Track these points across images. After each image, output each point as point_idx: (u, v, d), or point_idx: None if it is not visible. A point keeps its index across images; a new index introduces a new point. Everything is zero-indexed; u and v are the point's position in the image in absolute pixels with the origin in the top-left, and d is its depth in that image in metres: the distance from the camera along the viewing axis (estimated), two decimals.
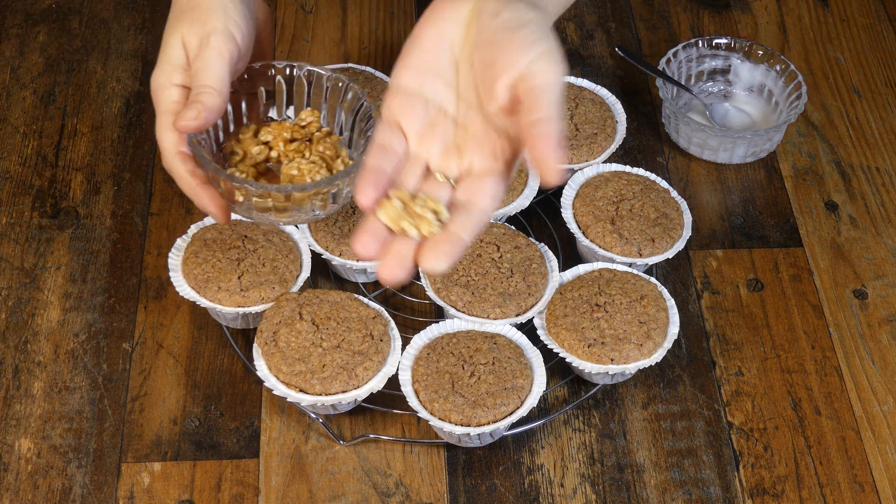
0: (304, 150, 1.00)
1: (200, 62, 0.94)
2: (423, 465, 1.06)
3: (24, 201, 1.21)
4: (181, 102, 0.95)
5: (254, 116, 1.03)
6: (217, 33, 0.94)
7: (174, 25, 0.96)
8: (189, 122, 0.92)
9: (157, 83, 0.95)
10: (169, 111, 0.95)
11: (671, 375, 1.12)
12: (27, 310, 1.13)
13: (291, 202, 0.95)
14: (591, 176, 1.19)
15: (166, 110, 0.95)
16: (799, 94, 1.27)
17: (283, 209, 0.96)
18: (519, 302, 1.09)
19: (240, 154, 0.99)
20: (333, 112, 1.02)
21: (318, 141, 1.00)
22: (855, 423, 1.09)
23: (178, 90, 0.95)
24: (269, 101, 1.03)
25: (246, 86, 1.01)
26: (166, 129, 0.95)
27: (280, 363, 1.04)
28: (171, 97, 0.95)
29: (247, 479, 1.04)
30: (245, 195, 0.95)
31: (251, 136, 1.00)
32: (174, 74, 0.95)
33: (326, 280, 1.17)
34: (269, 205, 0.95)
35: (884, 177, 1.28)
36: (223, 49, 0.94)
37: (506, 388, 1.03)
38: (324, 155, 0.99)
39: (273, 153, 1.00)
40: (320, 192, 0.95)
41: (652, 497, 1.04)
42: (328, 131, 1.02)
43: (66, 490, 1.03)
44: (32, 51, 1.34)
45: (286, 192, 0.94)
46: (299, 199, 0.95)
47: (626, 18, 1.42)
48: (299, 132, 1.01)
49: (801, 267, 1.20)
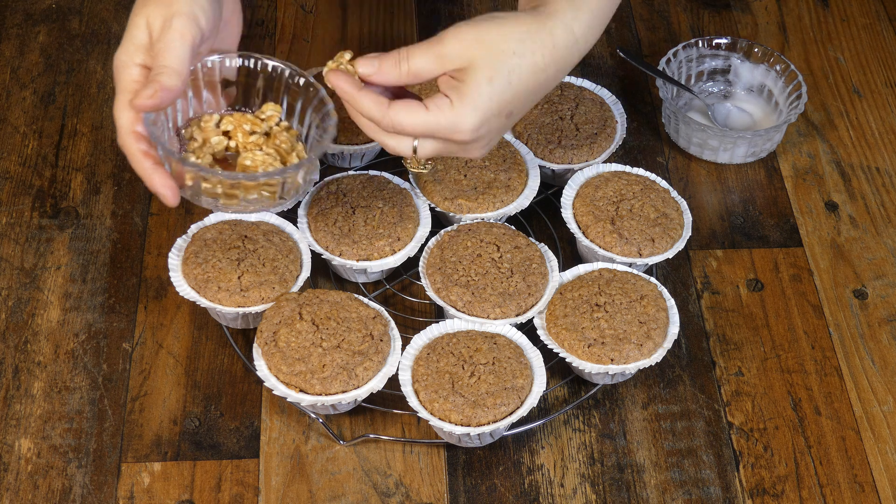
0: (262, 144, 1.02)
1: (162, 43, 0.95)
2: (423, 465, 1.06)
3: (24, 201, 1.21)
4: (141, 82, 0.96)
5: (216, 105, 1.04)
6: (181, 16, 0.95)
7: (140, 6, 0.98)
8: (145, 100, 0.93)
9: (119, 61, 0.97)
10: (127, 90, 0.96)
11: (671, 375, 1.12)
12: (27, 310, 1.13)
13: (240, 190, 0.97)
14: (591, 176, 1.19)
15: (125, 89, 0.96)
16: (799, 94, 1.27)
17: (231, 196, 0.97)
18: (519, 302, 1.09)
19: (199, 141, 1.01)
20: (293, 107, 1.04)
21: (275, 135, 1.02)
22: (855, 423, 1.09)
23: (138, 69, 0.96)
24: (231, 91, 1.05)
25: (208, 74, 1.02)
26: (123, 107, 0.96)
27: (280, 363, 1.04)
28: (132, 76, 0.96)
29: (247, 479, 1.04)
30: (194, 179, 0.96)
31: (213, 125, 1.02)
32: (136, 54, 0.96)
33: (326, 280, 1.17)
34: (218, 191, 0.97)
35: (884, 177, 1.28)
36: (185, 32, 0.95)
37: (506, 388, 1.03)
38: (279, 148, 1.01)
39: (232, 143, 1.01)
40: (269, 183, 0.97)
41: (652, 497, 1.04)
42: (287, 126, 1.03)
43: (66, 490, 1.03)
44: (32, 51, 1.34)
45: (234, 179, 0.96)
46: (247, 188, 0.97)
47: (626, 18, 1.42)
48: (259, 125, 1.02)
49: (801, 267, 1.20)
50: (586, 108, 1.24)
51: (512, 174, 1.18)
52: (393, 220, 1.13)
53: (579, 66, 1.36)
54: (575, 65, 1.00)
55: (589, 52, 1.37)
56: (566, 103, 1.24)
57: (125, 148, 0.97)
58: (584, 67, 1.36)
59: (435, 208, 1.17)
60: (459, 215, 1.16)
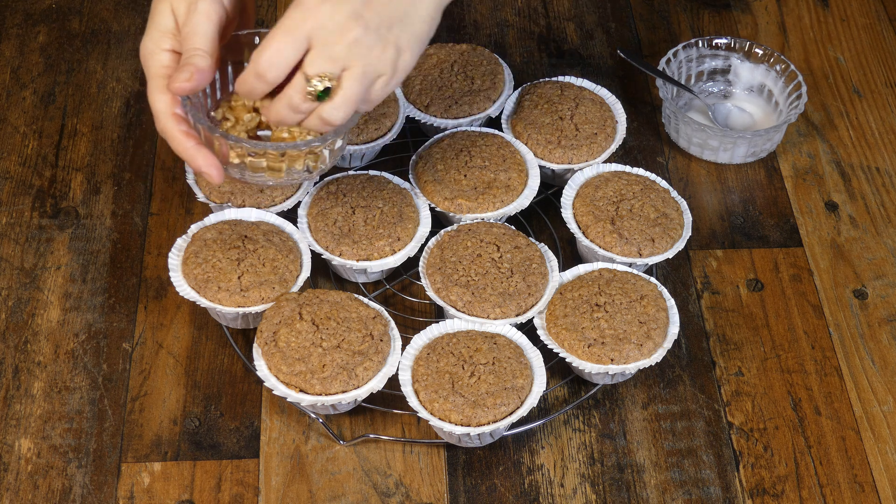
0: None
1: (189, 27, 0.96)
2: (423, 465, 1.06)
3: (24, 201, 1.21)
4: (171, 67, 0.97)
5: None
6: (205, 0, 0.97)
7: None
8: (182, 83, 0.95)
9: (147, 49, 0.98)
10: (160, 75, 0.97)
11: (671, 375, 1.12)
12: (27, 310, 1.13)
13: (286, 160, 0.99)
14: (591, 176, 1.19)
15: (157, 74, 0.97)
16: (799, 94, 1.27)
17: (277, 168, 0.99)
18: (519, 302, 1.09)
19: (231, 120, 1.02)
20: None
21: None
22: (855, 423, 1.09)
23: (168, 55, 0.97)
24: None
25: (232, 53, 1.04)
26: (159, 91, 0.97)
27: (280, 363, 1.04)
28: (162, 62, 0.97)
29: (247, 479, 1.04)
30: (240, 155, 0.98)
31: (242, 103, 1.03)
32: (163, 40, 0.97)
33: (326, 280, 1.17)
34: (264, 164, 0.99)
35: (884, 177, 1.28)
36: (211, 12, 0.96)
37: (506, 388, 1.03)
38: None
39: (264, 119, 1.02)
40: (313, 151, 0.99)
41: (652, 497, 1.04)
42: None
43: (66, 490, 1.03)
44: (32, 51, 1.34)
45: (281, 149, 0.97)
46: (294, 157, 0.99)
47: (626, 18, 1.42)
48: None
49: (801, 267, 1.20)
50: (586, 108, 1.24)
51: (512, 174, 1.18)
52: (393, 220, 1.13)
53: (579, 66, 1.36)
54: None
55: (589, 53, 1.37)
56: (566, 103, 1.24)
57: (166, 132, 0.98)
58: (584, 67, 1.36)
59: (435, 208, 1.17)
60: (459, 215, 1.16)
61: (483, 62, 1.27)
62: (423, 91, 1.24)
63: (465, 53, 1.27)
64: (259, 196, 1.15)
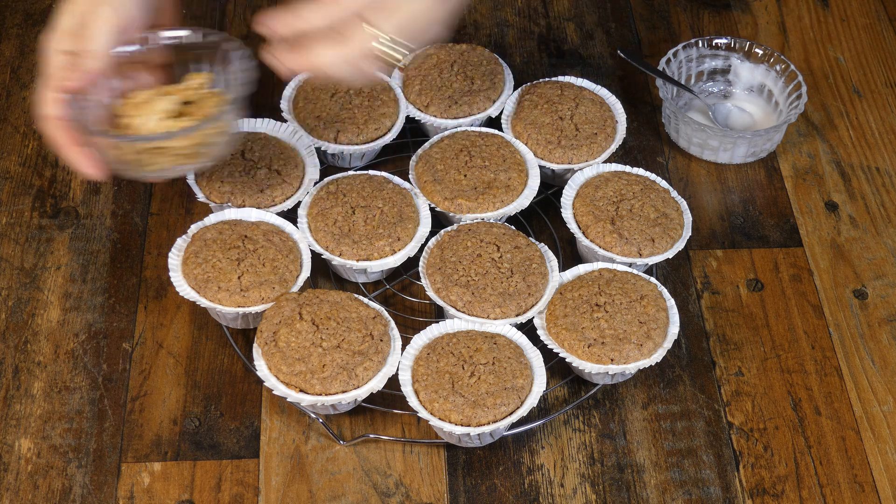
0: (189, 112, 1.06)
1: (88, 29, 1.00)
2: (423, 465, 1.06)
3: (24, 201, 1.21)
4: (64, 68, 1.00)
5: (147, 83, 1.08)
6: (107, 3, 1.00)
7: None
8: (67, 83, 0.99)
9: (45, 47, 1.01)
10: (49, 74, 1.01)
11: (671, 375, 1.12)
12: (27, 310, 1.13)
13: (150, 155, 1.01)
14: (591, 176, 1.19)
15: (48, 73, 1.01)
16: (799, 94, 1.27)
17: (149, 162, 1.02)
18: (519, 302, 1.09)
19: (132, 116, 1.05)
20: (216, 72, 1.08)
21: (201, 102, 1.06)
22: (855, 423, 1.09)
23: (62, 56, 1.01)
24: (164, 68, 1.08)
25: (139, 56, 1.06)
26: (43, 91, 1.01)
27: (280, 363, 1.04)
28: (56, 61, 1.01)
29: (247, 479, 1.04)
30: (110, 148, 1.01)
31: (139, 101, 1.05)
32: (62, 40, 1.01)
33: (326, 280, 1.17)
34: (129, 158, 1.01)
35: (884, 177, 1.28)
36: (111, 17, 1.00)
37: (506, 388, 1.03)
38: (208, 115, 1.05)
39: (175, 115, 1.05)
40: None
41: (652, 497, 1.04)
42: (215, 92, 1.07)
43: (66, 490, 1.03)
44: (32, 51, 1.34)
45: (142, 142, 1.01)
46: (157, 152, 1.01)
47: (626, 18, 1.42)
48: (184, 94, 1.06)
49: (801, 267, 1.20)
50: (586, 108, 1.24)
51: (512, 174, 1.18)
52: (393, 220, 1.13)
53: (579, 67, 1.36)
54: None
55: (589, 53, 1.37)
56: (566, 103, 1.24)
57: (44, 131, 1.01)
58: (584, 67, 1.36)
59: (435, 208, 1.17)
60: (459, 215, 1.16)
61: (483, 62, 1.27)
62: (423, 91, 1.24)
63: (464, 53, 1.27)
64: (259, 196, 1.15)
